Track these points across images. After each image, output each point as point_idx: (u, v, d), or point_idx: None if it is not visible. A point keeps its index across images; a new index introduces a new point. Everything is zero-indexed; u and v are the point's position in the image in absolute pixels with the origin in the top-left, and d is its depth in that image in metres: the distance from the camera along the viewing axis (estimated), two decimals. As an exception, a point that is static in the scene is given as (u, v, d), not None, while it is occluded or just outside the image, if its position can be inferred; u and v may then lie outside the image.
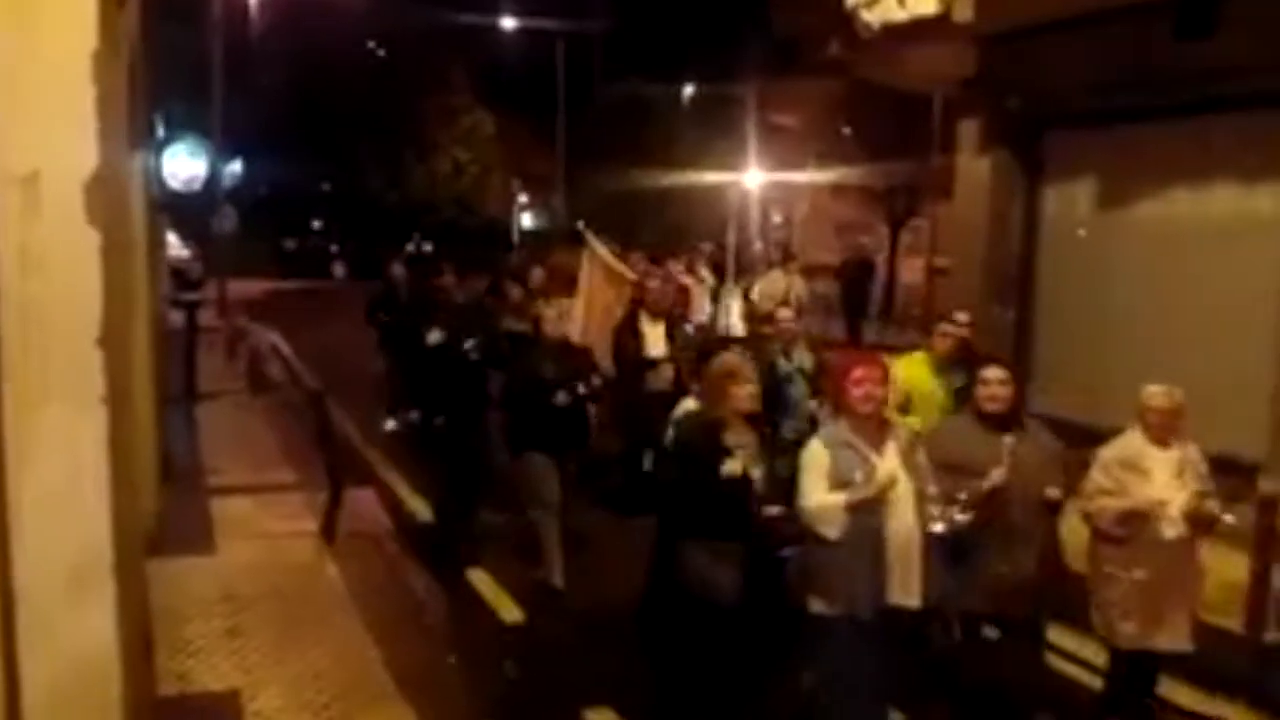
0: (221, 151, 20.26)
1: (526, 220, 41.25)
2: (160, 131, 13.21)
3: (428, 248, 16.36)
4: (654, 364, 8.05)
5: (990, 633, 4.75)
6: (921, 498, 4.21)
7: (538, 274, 10.38)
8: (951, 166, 10.85)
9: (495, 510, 7.79)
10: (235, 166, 21.66)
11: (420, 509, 8.46)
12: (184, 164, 15.53)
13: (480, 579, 6.88)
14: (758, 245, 29.30)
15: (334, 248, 38.75)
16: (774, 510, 4.29)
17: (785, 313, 7.92)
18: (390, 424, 10.57)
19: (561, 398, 6.56)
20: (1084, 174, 9.62)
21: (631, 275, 9.15)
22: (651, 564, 4.81)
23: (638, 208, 30.98)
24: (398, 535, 7.67)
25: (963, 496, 4.41)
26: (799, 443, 4.59)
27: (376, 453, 10.12)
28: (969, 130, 10.26)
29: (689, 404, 5.34)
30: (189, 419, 11.28)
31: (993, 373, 4.80)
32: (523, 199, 40.07)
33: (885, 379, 4.30)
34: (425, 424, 8.24)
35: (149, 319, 7.84)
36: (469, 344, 7.63)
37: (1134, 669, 4.86)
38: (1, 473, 2.83)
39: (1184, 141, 8.64)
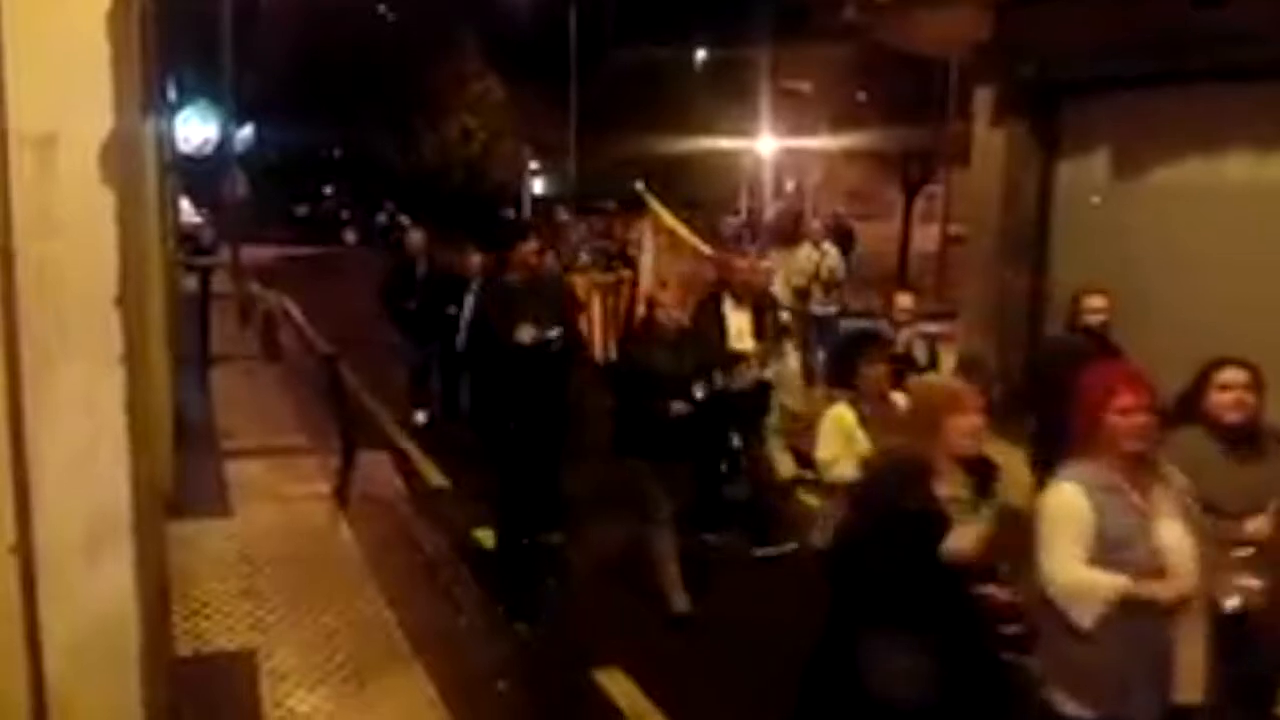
0: (232, 116, 20.22)
1: (538, 186, 41.10)
2: (172, 95, 13.20)
3: (404, 219, 15.37)
4: (741, 358, 6.86)
5: None
6: (1208, 563, 3.16)
7: (650, 244, 8.24)
8: (967, 132, 10.77)
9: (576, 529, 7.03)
10: (246, 132, 21.63)
11: (433, 475, 8.53)
12: (195, 128, 15.56)
13: (490, 539, 6.92)
14: (770, 212, 29.18)
15: (345, 214, 38.71)
16: (999, 592, 3.45)
17: (905, 300, 6.98)
18: (420, 416, 9.93)
19: (679, 406, 5.74)
20: (1099, 141, 9.54)
21: (706, 249, 8.01)
22: (819, 652, 3.77)
23: (649, 174, 30.84)
24: (411, 499, 7.72)
25: (1244, 553, 3.47)
26: None
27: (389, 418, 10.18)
28: (984, 96, 10.17)
29: (843, 414, 4.74)
30: (203, 383, 11.33)
31: (1232, 374, 3.75)
32: (533, 165, 39.89)
33: (1153, 403, 3.19)
34: (493, 431, 6.59)
35: (163, 282, 7.87)
36: (553, 333, 6.26)
37: None
38: (21, 432, 2.85)
39: (1199, 109, 8.56)
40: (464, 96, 37.07)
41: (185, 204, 21.30)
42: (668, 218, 7.99)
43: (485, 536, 6.94)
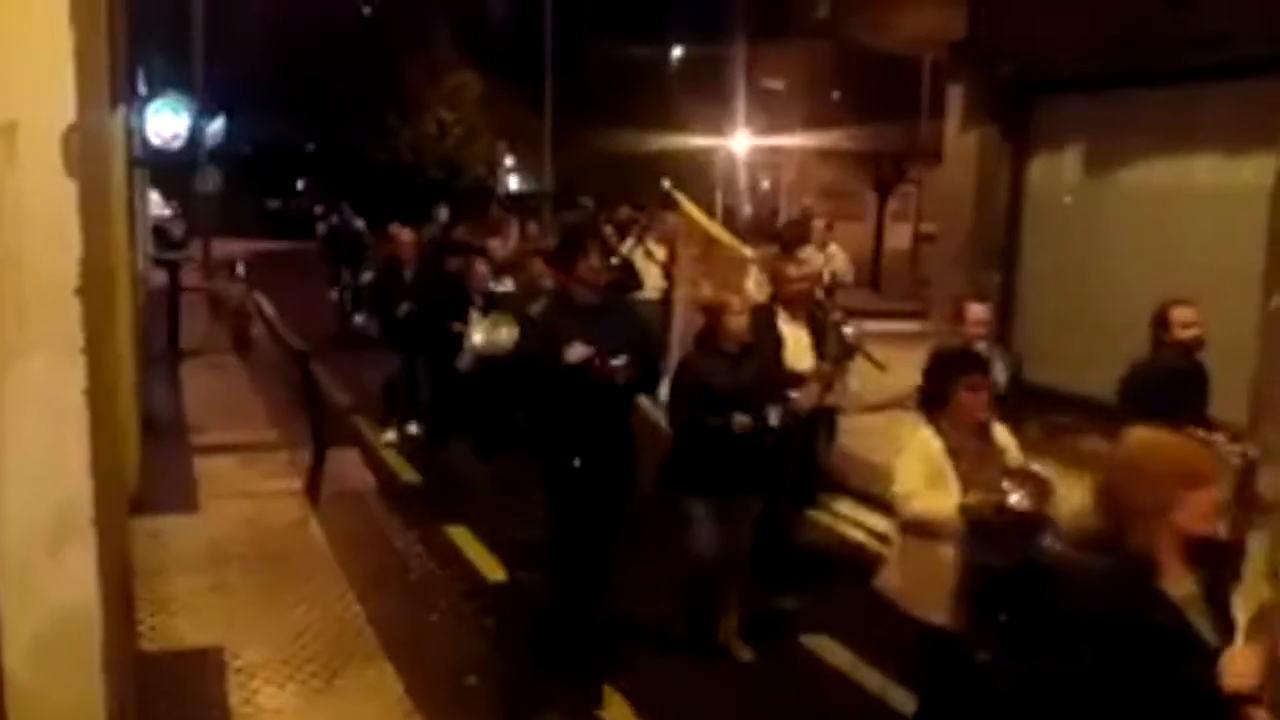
0: (203, 109, 20.02)
1: (513, 183, 41.00)
2: (142, 88, 13.06)
3: (359, 224, 14.58)
4: (801, 379, 5.84)
5: None
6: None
7: (683, 251, 7.07)
8: (940, 132, 10.83)
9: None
10: (217, 125, 21.37)
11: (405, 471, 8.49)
12: (166, 121, 15.37)
13: (462, 536, 6.90)
14: (746, 210, 29.24)
15: (318, 208, 38.43)
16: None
17: (978, 310, 5.89)
18: (391, 435, 9.25)
19: (742, 420, 4.96)
20: (1071, 141, 9.61)
21: (750, 253, 6.88)
22: None
23: (625, 171, 30.79)
24: (381, 494, 7.68)
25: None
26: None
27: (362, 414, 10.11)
28: (957, 95, 10.23)
29: (929, 441, 4.04)
30: (172, 377, 11.23)
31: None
32: (509, 161, 39.79)
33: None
34: (555, 471, 5.07)
35: (130, 275, 7.79)
36: (618, 361, 4.87)
37: None
38: (-20, 424, 2.81)
39: (1171, 109, 8.64)
40: (439, 90, 36.89)
41: (155, 197, 21.08)
42: (702, 219, 6.94)
43: (457, 533, 6.92)
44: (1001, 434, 4.22)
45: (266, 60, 35.69)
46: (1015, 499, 3.69)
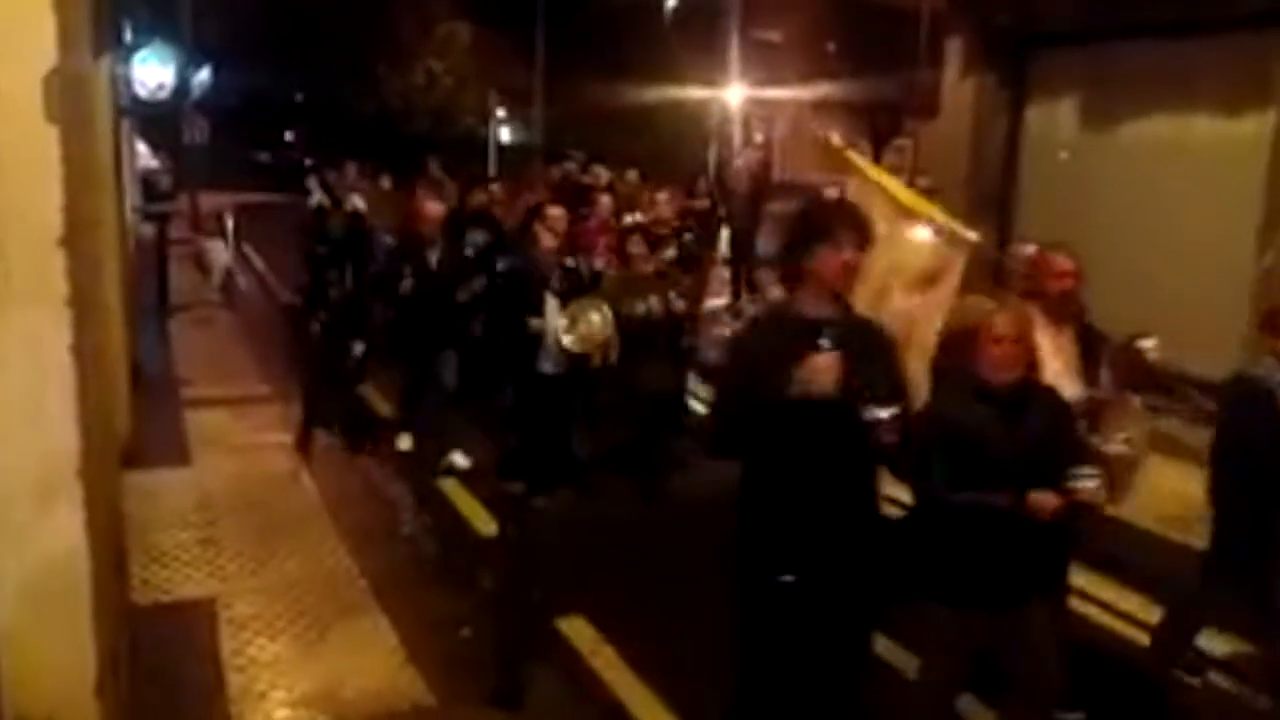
0: (191, 59, 19.73)
1: (505, 134, 40.62)
2: (127, 36, 12.83)
3: (358, 202, 11.80)
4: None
5: None
6: None
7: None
8: (937, 84, 10.73)
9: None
10: (204, 75, 21.05)
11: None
12: (152, 71, 15.11)
13: (454, 489, 6.90)
14: (739, 163, 29.02)
15: (308, 161, 38.08)
16: None
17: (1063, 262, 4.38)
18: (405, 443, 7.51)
19: (1040, 498, 3.30)
20: (1068, 94, 9.55)
21: (971, 235, 4.83)
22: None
23: (618, 123, 30.53)
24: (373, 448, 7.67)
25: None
26: None
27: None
28: (954, 47, 10.15)
29: None
30: (161, 331, 11.16)
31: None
32: (500, 113, 39.37)
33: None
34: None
35: (117, 227, 7.71)
36: (883, 413, 3.09)
37: None
38: (-36, 377, 2.78)
39: (1167, 63, 8.58)
40: (429, 40, 36.43)
41: (142, 148, 20.82)
42: (892, 184, 4.96)
43: (449, 485, 6.92)
44: None
45: (255, 8, 35.13)
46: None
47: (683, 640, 4.96)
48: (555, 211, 6.91)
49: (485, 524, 6.39)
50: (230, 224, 16.83)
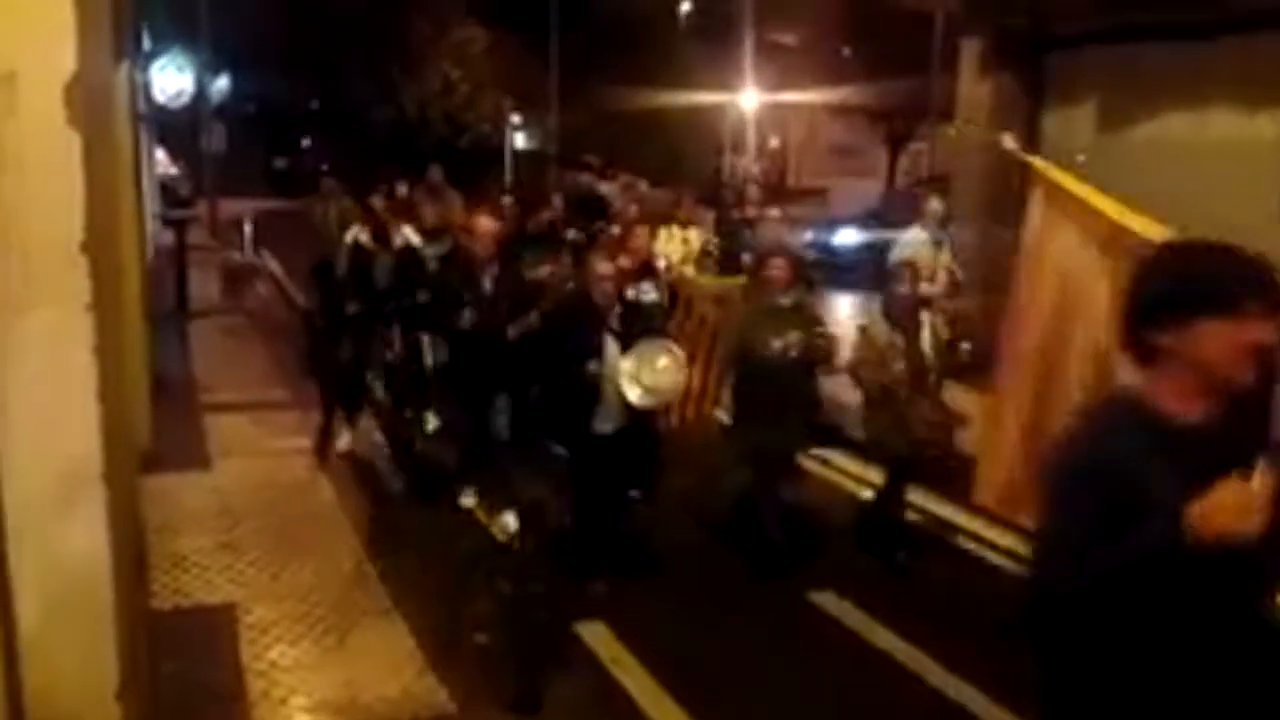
0: (209, 66, 19.86)
1: (520, 140, 40.69)
2: (147, 44, 12.94)
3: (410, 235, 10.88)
4: None
5: None
6: None
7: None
8: (952, 87, 10.69)
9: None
10: (222, 82, 21.22)
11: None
12: (171, 78, 15.28)
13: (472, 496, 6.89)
14: (754, 169, 29.01)
15: (324, 166, 38.25)
16: None
17: None
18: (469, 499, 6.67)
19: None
20: (1085, 96, 9.49)
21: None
22: None
23: (633, 128, 30.52)
24: (391, 454, 7.67)
25: None
26: None
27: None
28: (970, 48, 10.09)
29: None
30: (181, 336, 11.22)
31: None
32: (515, 119, 39.45)
33: None
34: None
35: (138, 233, 7.75)
36: None
37: None
38: (-13, 380, 2.78)
39: (1185, 63, 8.52)
40: (445, 46, 36.52)
41: (161, 155, 20.96)
42: (1079, 189, 4.44)
43: (467, 493, 6.91)
44: None
45: (272, 16, 35.30)
46: None
47: (703, 647, 4.94)
48: (639, 231, 6.11)
49: (504, 531, 6.38)
50: (249, 230, 16.92)
